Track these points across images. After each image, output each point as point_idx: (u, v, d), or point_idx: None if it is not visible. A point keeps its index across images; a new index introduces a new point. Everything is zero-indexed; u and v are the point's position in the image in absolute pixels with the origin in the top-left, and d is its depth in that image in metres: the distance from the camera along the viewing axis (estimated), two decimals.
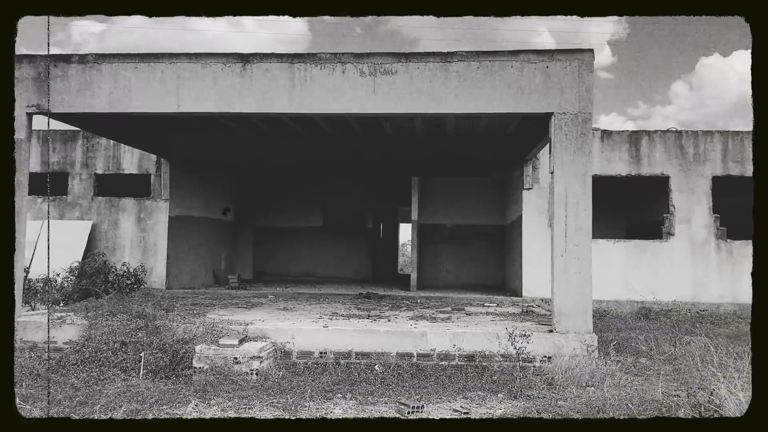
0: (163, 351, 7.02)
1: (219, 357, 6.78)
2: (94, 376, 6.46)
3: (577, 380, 6.56)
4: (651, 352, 8.08)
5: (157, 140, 12.86)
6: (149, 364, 6.78)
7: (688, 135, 13.53)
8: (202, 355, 6.81)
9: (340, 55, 7.96)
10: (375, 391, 6.23)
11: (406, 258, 28.68)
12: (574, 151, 7.69)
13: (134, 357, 6.91)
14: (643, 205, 16.06)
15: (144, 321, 7.77)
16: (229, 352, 6.82)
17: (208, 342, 7.17)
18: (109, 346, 7.15)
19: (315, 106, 8.01)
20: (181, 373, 6.76)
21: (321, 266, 18.71)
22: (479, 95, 7.86)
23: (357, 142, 13.12)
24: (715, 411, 5.03)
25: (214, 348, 6.91)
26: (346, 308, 10.24)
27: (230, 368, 6.71)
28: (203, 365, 6.74)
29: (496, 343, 7.35)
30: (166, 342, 7.19)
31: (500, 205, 16.99)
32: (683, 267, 13.18)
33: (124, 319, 7.91)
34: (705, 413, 5.05)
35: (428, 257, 17.06)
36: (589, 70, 7.82)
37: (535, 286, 12.89)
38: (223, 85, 8.09)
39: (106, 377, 6.44)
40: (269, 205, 18.86)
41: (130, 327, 7.55)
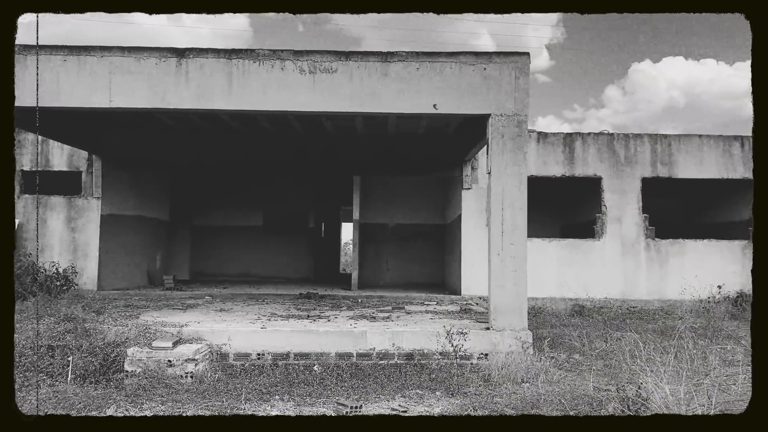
0: (93, 355, 6.76)
1: (152, 360, 6.59)
2: (18, 382, 6.15)
3: (513, 376, 6.70)
4: (584, 348, 8.33)
5: (89, 136, 12.38)
6: (78, 369, 6.52)
7: (619, 138, 14.03)
8: (134, 358, 6.60)
9: (279, 52, 7.86)
10: (313, 392, 6.18)
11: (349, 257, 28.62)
12: (511, 152, 7.85)
13: (62, 361, 6.63)
14: (577, 205, 16.56)
15: (73, 324, 7.48)
16: (162, 355, 6.63)
17: (140, 345, 6.95)
18: (35, 350, 6.83)
19: (253, 103, 7.88)
20: (112, 377, 6.54)
21: (261, 266, 18.46)
22: (419, 96, 7.92)
23: (298, 141, 13.01)
24: (642, 404, 5.22)
25: (147, 351, 6.71)
26: (286, 309, 10.13)
27: (164, 371, 6.53)
28: (135, 369, 6.54)
29: (434, 342, 7.42)
30: (96, 345, 6.93)
31: (441, 204, 17.18)
32: (614, 265, 13.66)
33: (51, 322, 7.58)
34: (632, 406, 5.23)
35: (370, 256, 17.08)
36: (525, 73, 7.99)
37: (474, 285, 13.10)
38: (157, 80, 7.86)
39: (30, 383, 6.14)
40: (207, 203, 18.46)
41: (58, 330, 7.26)
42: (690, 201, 17.75)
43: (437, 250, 17.22)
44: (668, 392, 5.36)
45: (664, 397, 5.21)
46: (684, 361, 7.07)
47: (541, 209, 16.70)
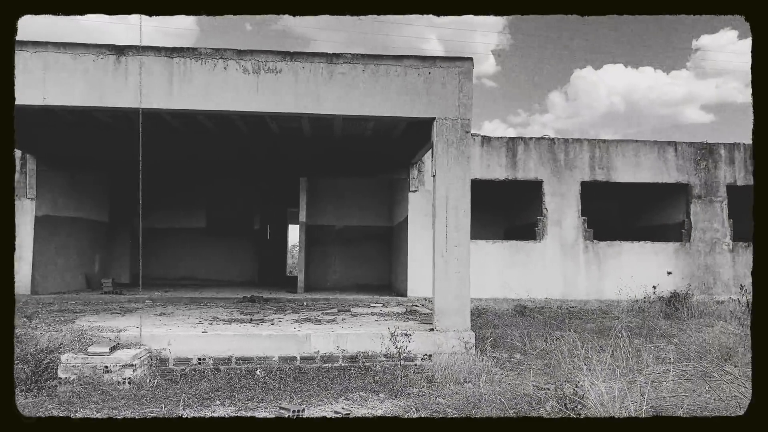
0: (24, 362, 6.47)
1: (87, 366, 6.37)
2: None
3: (456, 377, 6.78)
4: (525, 348, 8.51)
5: (22, 134, 11.83)
6: None
7: (559, 142, 14.42)
8: (68, 364, 6.36)
9: (222, 51, 7.74)
10: (255, 396, 6.10)
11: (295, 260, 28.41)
12: (455, 155, 7.95)
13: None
14: (519, 207, 16.92)
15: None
16: (98, 361, 6.42)
17: (75, 351, 6.71)
18: None
19: (195, 103, 7.73)
20: (45, 384, 6.27)
21: (204, 269, 18.11)
22: (364, 98, 7.93)
23: (243, 141, 12.83)
24: (579, 402, 5.37)
25: (82, 357, 6.48)
26: (229, 312, 9.96)
27: (100, 378, 6.32)
28: (69, 375, 6.30)
29: (379, 344, 7.44)
30: (27, 352, 6.64)
31: (388, 206, 17.26)
32: (555, 266, 14.02)
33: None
34: (570, 405, 5.37)
35: (316, 259, 16.99)
36: (469, 78, 8.11)
37: (420, 286, 13.21)
38: (95, 77, 7.61)
39: None
40: (149, 205, 17.92)
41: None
42: (627, 204, 18.40)
43: (384, 251, 17.28)
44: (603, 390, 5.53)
45: (599, 395, 5.38)
46: (620, 360, 7.30)
47: (485, 211, 17.00)
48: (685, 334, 9.51)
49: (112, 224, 16.87)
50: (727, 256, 14.56)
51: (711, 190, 14.72)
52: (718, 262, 14.53)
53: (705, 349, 8.23)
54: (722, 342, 8.41)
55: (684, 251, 14.49)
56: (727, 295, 13.65)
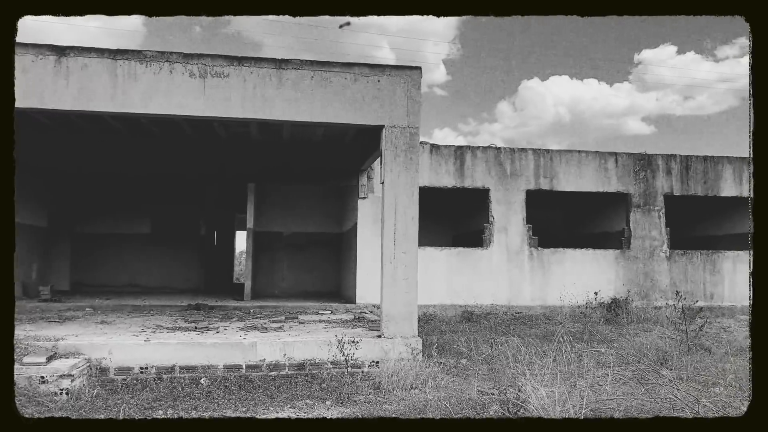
0: None
1: (22, 377, 6.14)
2: None
3: (403, 383, 6.83)
4: (470, 353, 8.64)
5: None
6: None
7: (506, 151, 14.72)
8: None
9: (168, 54, 7.61)
10: (199, 405, 6.00)
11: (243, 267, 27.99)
12: (403, 163, 8.03)
13: None
14: (467, 215, 17.17)
15: None
16: (34, 371, 6.20)
17: None
18: None
19: (139, 106, 7.57)
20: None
21: (148, 276, 17.64)
22: (313, 104, 7.93)
23: (189, 146, 12.63)
24: (521, 406, 5.49)
25: (17, 367, 6.23)
26: (173, 320, 9.76)
27: (36, 389, 6.11)
28: None
29: (326, 351, 7.42)
30: None
31: (338, 213, 17.23)
32: (501, 273, 14.28)
33: None
34: (512, 409, 5.49)
35: (264, 266, 16.80)
36: (417, 86, 8.22)
37: (369, 293, 13.23)
38: (33, 78, 7.37)
39: None
40: (91, 209, 17.42)
41: None
42: (571, 212, 18.92)
43: (334, 258, 17.23)
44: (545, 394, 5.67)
45: (541, 399, 5.51)
46: (561, 364, 7.50)
47: (434, 219, 17.19)
48: (624, 339, 9.85)
49: (51, 229, 16.26)
50: (664, 264, 15.13)
51: (649, 200, 15.29)
52: (656, 269, 15.09)
53: (642, 353, 8.55)
54: (659, 346, 8.75)
55: (624, 258, 14.98)
56: (664, 301, 14.17)
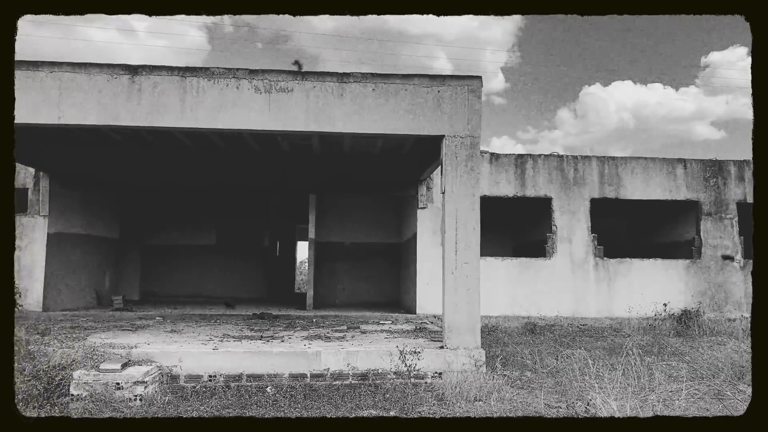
0: (36, 378, 6.51)
1: (99, 383, 6.40)
2: None
3: (466, 395, 6.75)
4: (535, 366, 8.47)
5: (36, 153, 12.03)
6: (21, 393, 6.27)
7: (568, 159, 14.44)
8: (80, 381, 6.40)
9: (235, 71, 7.84)
10: (266, 413, 6.10)
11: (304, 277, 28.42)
12: (464, 172, 7.99)
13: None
14: (528, 224, 16.91)
15: (16, 346, 7.19)
16: (110, 378, 6.45)
17: (87, 367, 6.74)
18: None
19: (207, 122, 7.82)
20: (57, 401, 6.30)
21: (214, 286, 18.15)
22: (374, 116, 8.00)
23: (253, 159, 12.94)
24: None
25: (94, 373, 6.51)
26: (239, 329, 9.98)
27: (111, 395, 6.35)
28: (82, 392, 6.33)
29: (388, 361, 7.43)
30: (40, 368, 6.68)
31: (396, 223, 17.29)
32: (565, 284, 13.98)
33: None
34: None
35: (325, 276, 17.01)
36: (478, 95, 8.18)
37: (429, 303, 13.19)
38: (109, 97, 7.73)
39: None
40: (159, 222, 18.11)
41: None
42: (637, 221, 18.35)
43: (392, 269, 17.28)
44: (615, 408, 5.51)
45: (611, 413, 5.35)
46: (631, 378, 7.27)
47: (494, 229, 17.00)
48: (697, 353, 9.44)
49: (123, 241, 16.98)
50: (739, 274, 14.47)
51: (721, 207, 14.67)
52: (729, 279, 14.44)
53: (717, 367, 8.17)
54: (735, 360, 8.35)
55: (695, 268, 14.41)
56: (738, 313, 13.55)
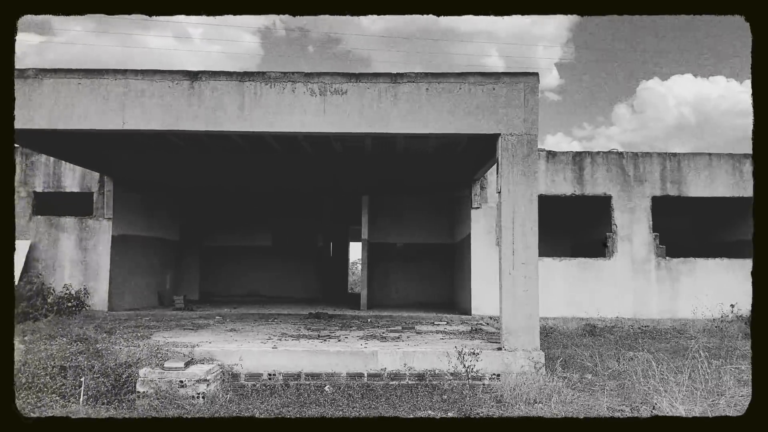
0: (105, 375, 6.77)
1: (164, 381, 6.59)
2: (31, 403, 6.16)
3: (526, 397, 6.65)
4: (596, 368, 8.27)
5: (101, 158, 12.51)
6: (90, 390, 6.52)
7: (628, 156, 14.04)
8: (146, 379, 6.60)
9: (290, 74, 7.95)
10: (325, 412, 6.15)
11: (356, 277, 28.62)
12: (521, 171, 7.87)
13: (74, 382, 6.63)
14: (586, 223, 16.53)
15: (85, 344, 7.50)
16: (174, 376, 6.63)
17: (152, 365, 6.95)
18: (47, 371, 6.84)
19: (264, 125, 7.96)
20: (124, 398, 6.53)
21: (270, 286, 18.48)
22: (428, 116, 7.97)
23: (307, 161, 13.09)
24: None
25: (159, 371, 6.71)
26: (296, 329, 10.12)
27: (175, 392, 6.53)
28: (147, 389, 6.54)
29: (446, 362, 7.39)
30: (108, 366, 6.94)
31: (450, 223, 17.19)
32: (625, 284, 13.59)
33: (63, 342, 7.61)
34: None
35: (378, 276, 17.07)
36: (534, 92, 8.04)
37: (484, 304, 13.05)
38: (170, 102, 7.96)
39: (43, 404, 6.15)
40: (217, 224, 18.55)
41: (70, 351, 7.28)
42: (701, 219, 17.67)
43: (446, 269, 17.19)
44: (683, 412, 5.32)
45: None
46: (698, 381, 7.00)
47: (551, 228, 16.67)
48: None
49: (183, 243, 17.48)
50: None
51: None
52: None
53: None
54: None
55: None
56: None
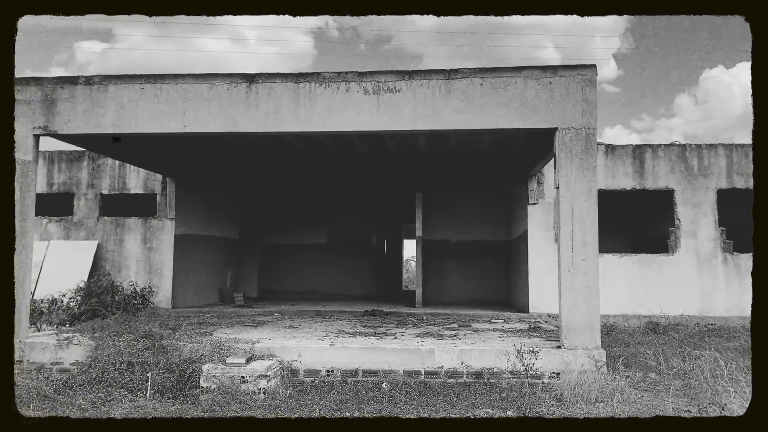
0: (170, 371, 7.00)
1: (226, 376, 6.76)
2: (101, 396, 6.43)
3: (587, 396, 6.51)
4: (660, 367, 8.02)
5: (163, 160, 12.93)
6: (156, 384, 6.76)
7: (692, 148, 13.54)
8: (209, 374, 6.79)
9: (344, 74, 8.02)
10: (383, 409, 6.19)
11: (410, 274, 28.63)
12: (579, 166, 7.70)
13: (141, 377, 6.89)
14: (648, 219, 16.04)
15: (151, 341, 7.76)
16: (236, 371, 6.80)
17: (215, 361, 7.15)
18: (115, 366, 7.13)
19: (319, 125, 8.05)
20: (189, 393, 6.73)
21: (325, 283, 18.69)
22: (482, 112, 7.89)
23: (361, 159, 13.17)
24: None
25: (221, 367, 6.89)
26: (352, 326, 10.21)
27: (237, 387, 6.69)
28: (210, 385, 6.72)
29: (504, 360, 7.31)
30: (172, 362, 7.16)
31: (505, 220, 16.98)
32: (690, 281, 13.12)
33: (130, 339, 7.90)
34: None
35: (433, 273, 17.02)
36: (592, 85, 7.85)
37: (542, 302, 12.85)
38: (228, 105, 8.14)
39: (113, 398, 6.42)
40: (274, 223, 18.89)
41: (137, 347, 7.55)
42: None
43: (501, 266, 17.00)
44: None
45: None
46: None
47: (611, 224, 16.24)
48: None
49: (242, 241, 17.88)
50: None
51: None
52: None
53: None
54: None
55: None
56: None
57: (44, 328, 10.63)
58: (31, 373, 7.52)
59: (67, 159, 14.85)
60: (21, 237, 8.15)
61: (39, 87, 8.38)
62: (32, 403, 6.23)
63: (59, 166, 14.83)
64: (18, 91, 8.33)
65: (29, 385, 6.88)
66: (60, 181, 14.80)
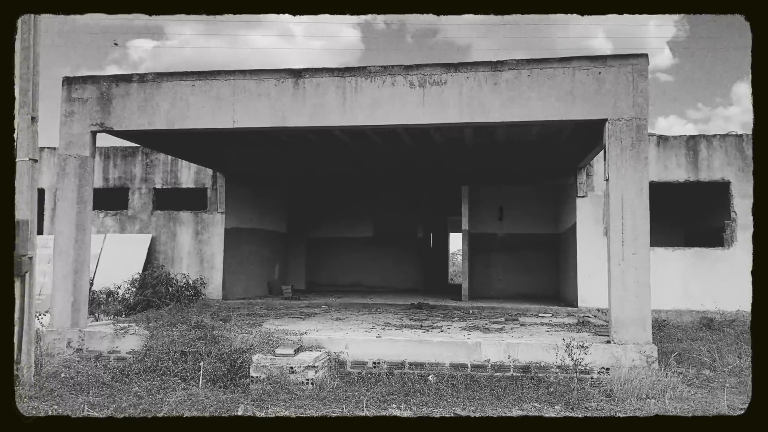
0: (221, 360, 7.19)
1: (275, 366, 6.91)
2: (156, 384, 6.66)
3: (637, 392, 6.40)
4: (714, 364, 7.81)
5: (213, 155, 13.23)
6: (208, 374, 6.96)
7: (749, 139, 13.04)
8: (258, 364, 6.95)
9: (390, 68, 8.04)
10: (429, 401, 6.22)
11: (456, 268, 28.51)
12: (630, 158, 7.54)
13: (194, 366, 7.09)
14: (702, 211, 15.56)
15: (203, 331, 7.98)
16: (285, 362, 6.94)
17: (264, 352, 7.30)
18: (169, 355, 7.37)
19: (365, 119, 8.10)
20: (239, 382, 6.91)
21: (371, 276, 18.80)
22: (530, 103, 7.80)
23: (406, 152, 13.18)
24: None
25: (271, 358, 7.04)
26: (398, 318, 10.26)
27: (286, 378, 6.82)
28: (260, 375, 6.88)
29: (552, 354, 7.24)
30: (224, 352, 7.36)
31: (553, 213, 16.74)
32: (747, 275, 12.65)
33: (183, 329, 8.14)
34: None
35: (479, 267, 16.92)
36: (643, 75, 7.66)
37: (591, 296, 12.62)
38: (276, 100, 8.27)
39: (167, 386, 6.63)
40: (321, 216, 19.10)
41: (190, 337, 7.77)
42: None
43: (549, 260, 16.76)
44: None
45: None
46: None
47: (663, 217, 15.81)
48: None
49: (290, 234, 18.16)
50: None
51: None
52: None
53: None
54: None
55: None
56: None
57: (102, 318, 11.06)
58: (90, 361, 7.84)
59: (122, 155, 15.34)
60: (80, 230, 8.50)
61: (95, 85, 8.68)
62: (91, 390, 6.50)
63: (114, 161, 15.33)
64: (75, 89, 8.66)
65: (88, 372, 7.17)
66: (115, 176, 15.31)
